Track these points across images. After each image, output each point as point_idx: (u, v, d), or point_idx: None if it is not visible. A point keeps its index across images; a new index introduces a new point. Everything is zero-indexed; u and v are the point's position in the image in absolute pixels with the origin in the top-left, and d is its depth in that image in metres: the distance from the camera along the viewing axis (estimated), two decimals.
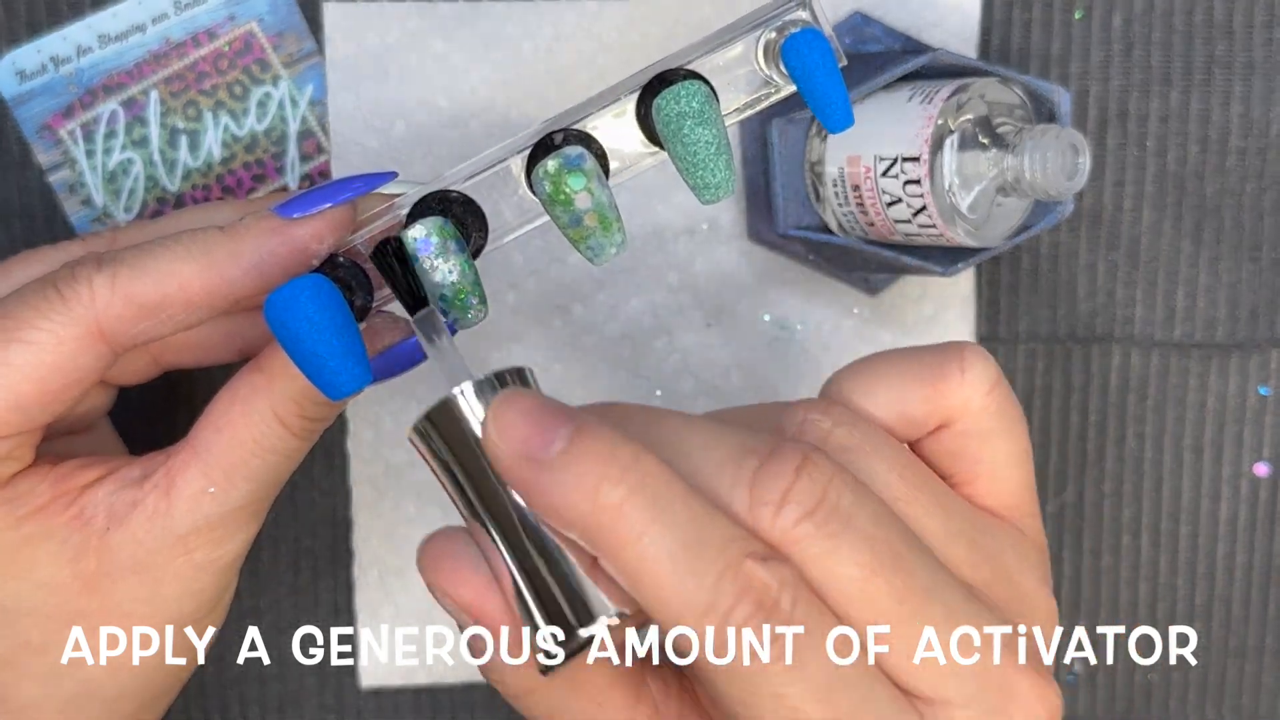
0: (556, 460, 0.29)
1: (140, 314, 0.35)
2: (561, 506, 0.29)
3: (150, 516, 0.37)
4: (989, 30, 0.47)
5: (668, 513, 0.29)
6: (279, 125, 0.46)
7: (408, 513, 0.49)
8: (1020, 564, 0.34)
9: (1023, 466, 0.34)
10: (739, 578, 0.29)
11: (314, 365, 0.32)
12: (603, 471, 0.29)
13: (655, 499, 0.29)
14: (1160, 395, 0.50)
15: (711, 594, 0.29)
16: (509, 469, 0.30)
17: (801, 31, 0.35)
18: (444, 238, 0.34)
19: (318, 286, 0.33)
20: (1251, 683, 0.51)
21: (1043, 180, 0.39)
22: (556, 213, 0.34)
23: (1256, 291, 0.49)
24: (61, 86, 0.45)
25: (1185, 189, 0.49)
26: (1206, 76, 0.48)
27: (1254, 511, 0.51)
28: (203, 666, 0.49)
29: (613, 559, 0.29)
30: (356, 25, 0.46)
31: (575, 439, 0.30)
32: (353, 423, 0.48)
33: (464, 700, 0.50)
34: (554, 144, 0.36)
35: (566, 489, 0.29)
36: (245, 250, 0.35)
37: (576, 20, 0.47)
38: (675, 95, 0.34)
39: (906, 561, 0.31)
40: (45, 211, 0.46)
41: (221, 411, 0.37)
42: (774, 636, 0.29)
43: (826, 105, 0.35)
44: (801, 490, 0.31)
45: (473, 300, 0.34)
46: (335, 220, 0.36)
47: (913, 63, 0.42)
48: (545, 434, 0.30)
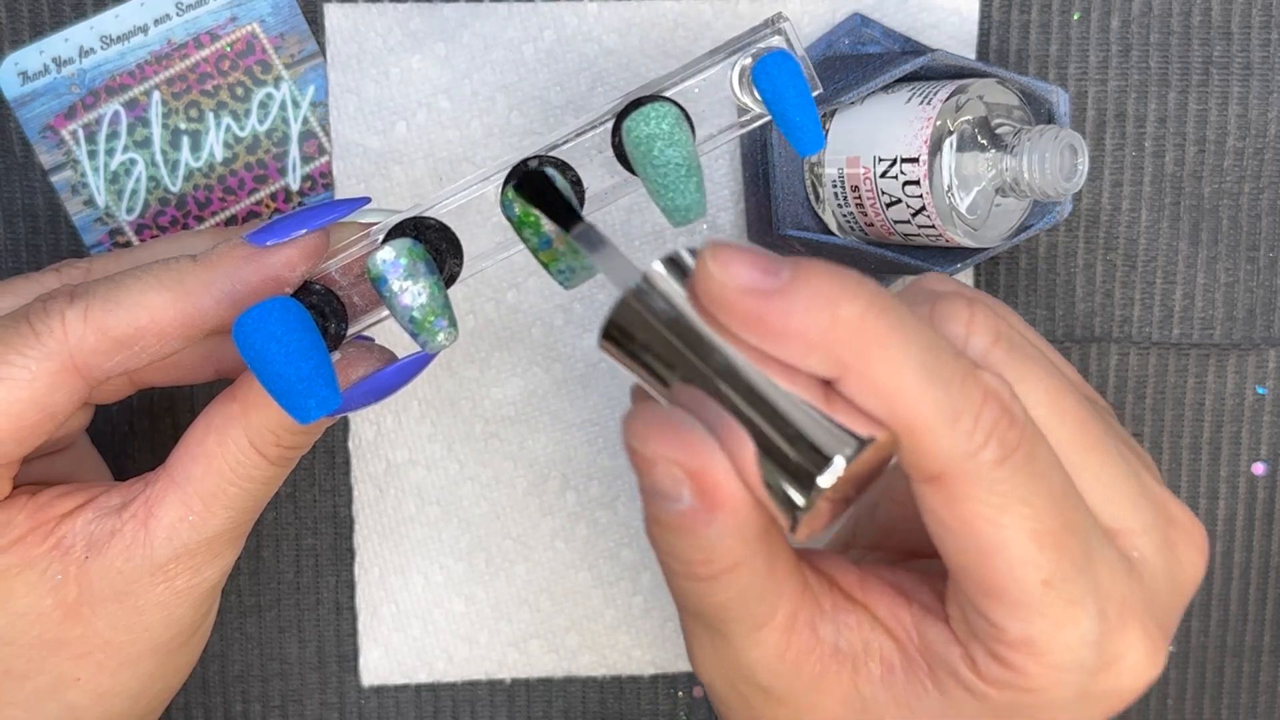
0: (788, 285, 0.29)
1: (114, 346, 0.35)
2: (801, 327, 0.29)
3: (129, 545, 0.37)
4: (987, 32, 0.48)
5: (905, 323, 0.29)
6: (280, 126, 0.47)
7: (409, 511, 0.49)
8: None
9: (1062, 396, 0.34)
10: (979, 384, 0.30)
11: (281, 387, 0.32)
12: (838, 289, 0.29)
13: (890, 310, 0.29)
14: (1158, 395, 0.50)
15: (961, 397, 0.29)
16: (737, 304, 0.29)
17: (772, 54, 0.35)
18: (413, 259, 0.34)
19: (286, 308, 0.32)
20: (1250, 682, 0.51)
21: (1041, 181, 0.39)
22: (525, 235, 0.34)
23: (1254, 292, 0.49)
24: (64, 87, 0.46)
25: (1183, 190, 0.49)
26: (1204, 78, 0.48)
27: (1252, 510, 0.51)
28: (204, 664, 0.49)
29: (862, 371, 0.29)
30: (358, 27, 0.46)
31: (799, 267, 0.29)
32: (354, 421, 0.48)
33: (465, 697, 0.50)
34: (529, 169, 0.36)
35: (805, 307, 0.29)
36: (218, 279, 0.35)
37: (577, 23, 0.47)
38: (645, 117, 0.34)
39: (1078, 397, 0.33)
40: (48, 212, 0.46)
41: (198, 440, 0.37)
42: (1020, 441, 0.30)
43: (796, 128, 0.35)
44: (981, 321, 0.32)
45: (441, 323, 0.34)
46: (308, 247, 0.36)
47: (911, 64, 0.42)
48: (769, 265, 0.30)
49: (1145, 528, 0.33)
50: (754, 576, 0.32)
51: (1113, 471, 0.33)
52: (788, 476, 0.30)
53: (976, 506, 0.30)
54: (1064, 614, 0.30)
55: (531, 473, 0.49)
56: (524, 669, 0.50)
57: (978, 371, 0.30)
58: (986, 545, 0.30)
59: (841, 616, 0.33)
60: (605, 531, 0.49)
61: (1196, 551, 0.34)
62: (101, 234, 0.46)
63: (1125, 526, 0.33)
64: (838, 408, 0.30)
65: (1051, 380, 0.32)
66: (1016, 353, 0.32)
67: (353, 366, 0.37)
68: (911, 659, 0.33)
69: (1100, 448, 0.33)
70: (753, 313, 0.29)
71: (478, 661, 0.50)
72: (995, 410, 0.29)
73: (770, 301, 0.29)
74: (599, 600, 0.50)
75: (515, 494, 0.49)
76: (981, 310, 0.32)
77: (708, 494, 0.30)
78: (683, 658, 0.50)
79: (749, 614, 0.32)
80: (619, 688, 0.50)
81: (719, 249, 0.30)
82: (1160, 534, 0.33)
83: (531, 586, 0.49)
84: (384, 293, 0.34)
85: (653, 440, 0.30)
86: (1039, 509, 0.30)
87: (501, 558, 0.49)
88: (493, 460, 0.49)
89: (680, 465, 0.30)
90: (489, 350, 0.48)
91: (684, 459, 0.30)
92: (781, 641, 0.33)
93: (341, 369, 0.36)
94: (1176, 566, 0.34)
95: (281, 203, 0.47)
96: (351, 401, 0.36)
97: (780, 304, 0.29)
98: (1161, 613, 0.33)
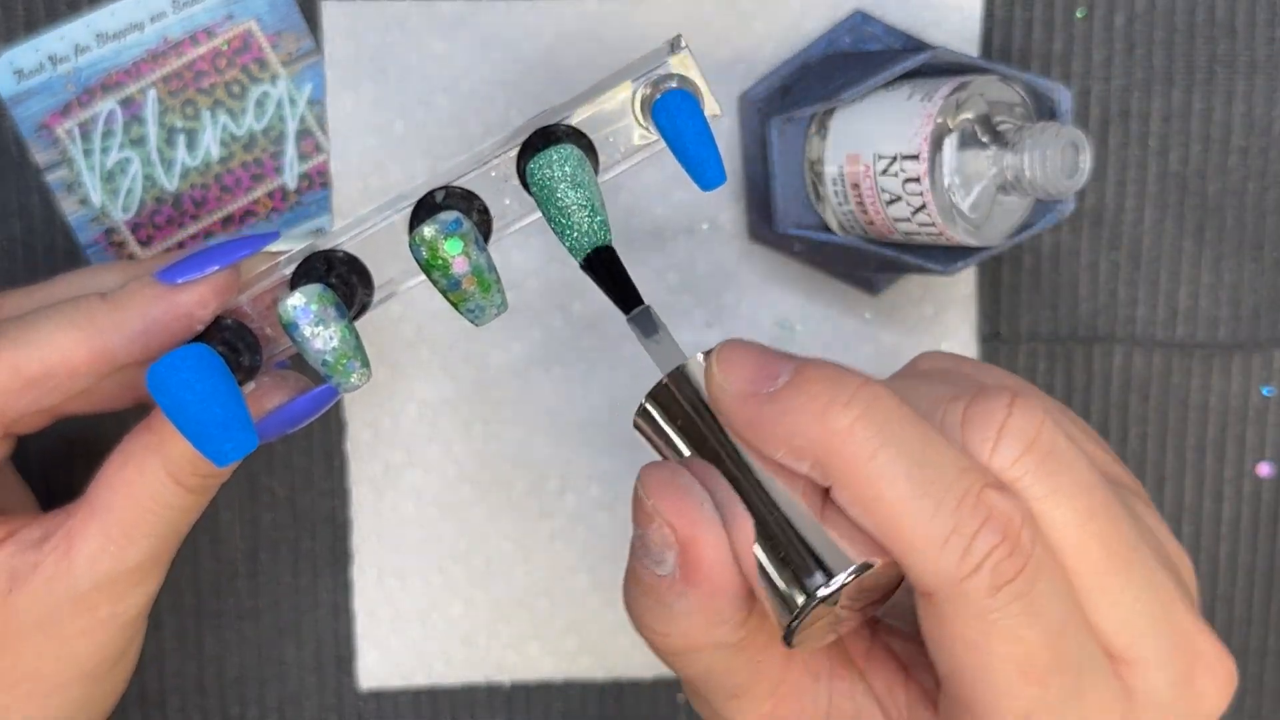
0: (782, 391, 0.29)
1: (26, 386, 0.36)
2: (791, 434, 0.29)
3: (51, 578, 0.37)
4: (990, 29, 0.47)
5: (899, 435, 0.29)
6: (277, 124, 0.46)
7: (406, 514, 0.49)
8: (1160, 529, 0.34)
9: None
10: (980, 506, 0.29)
11: (198, 433, 0.33)
12: (831, 395, 0.29)
13: (885, 421, 0.29)
14: (1162, 395, 0.50)
15: (953, 518, 0.28)
16: (734, 407, 0.30)
17: (669, 93, 0.36)
18: (323, 304, 0.34)
19: (199, 356, 0.33)
20: (1254, 684, 0.51)
21: (1043, 178, 0.39)
22: (435, 277, 0.34)
23: (1259, 291, 0.49)
24: (59, 85, 0.45)
25: (1187, 188, 0.48)
26: (1208, 75, 0.48)
27: (1256, 512, 0.50)
28: (201, 667, 0.49)
29: (847, 484, 0.29)
30: (355, 24, 0.46)
31: (799, 371, 0.30)
32: (351, 424, 0.48)
33: (464, 701, 0.50)
34: (435, 202, 0.36)
35: (795, 415, 0.29)
36: (129, 319, 0.36)
37: (577, 20, 0.46)
38: (547, 160, 0.35)
39: (1115, 513, 0.31)
40: (43, 211, 0.46)
41: (116, 470, 0.37)
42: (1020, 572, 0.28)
43: (697, 165, 0.35)
44: (1016, 426, 0.30)
45: (354, 365, 0.35)
46: (219, 284, 0.36)
47: (912, 61, 0.42)
48: (769, 369, 0.30)
49: (1161, 661, 0.31)
50: (718, 659, 0.32)
51: (1134, 599, 0.31)
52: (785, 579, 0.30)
53: (964, 630, 0.29)
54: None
55: (530, 474, 0.49)
56: (523, 672, 0.50)
57: (985, 491, 0.29)
58: (968, 669, 0.29)
59: (836, 683, 0.33)
60: (604, 534, 0.49)
61: (1220, 685, 0.32)
62: (97, 233, 0.46)
63: (1138, 657, 0.31)
64: (839, 521, 0.30)
65: (1084, 498, 0.30)
66: (1050, 464, 0.30)
67: (267, 396, 0.37)
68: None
69: (1126, 573, 0.31)
70: (748, 417, 0.30)
71: (476, 664, 0.49)
72: (994, 536, 0.28)
73: (764, 408, 0.30)
74: (598, 602, 0.49)
75: (514, 496, 0.49)
76: (1021, 412, 0.30)
77: (690, 566, 0.30)
78: None
79: (720, 687, 0.32)
80: (618, 691, 0.50)
81: (725, 350, 0.31)
82: (1177, 668, 0.32)
83: (530, 589, 0.49)
84: (296, 338, 0.34)
85: (656, 495, 0.30)
86: (1029, 642, 0.29)
87: (500, 560, 0.49)
88: (491, 462, 0.49)
89: (674, 529, 0.30)
90: (487, 351, 0.48)
91: (680, 524, 0.30)
92: (764, 707, 0.33)
93: (256, 399, 0.37)
94: (1193, 701, 0.32)
95: (279, 201, 0.47)
96: (267, 432, 0.36)
97: (773, 410, 0.29)
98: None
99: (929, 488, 0.28)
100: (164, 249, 0.47)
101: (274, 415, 0.36)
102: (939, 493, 0.28)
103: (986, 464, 0.30)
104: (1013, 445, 0.30)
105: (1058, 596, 0.30)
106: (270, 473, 0.48)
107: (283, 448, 0.48)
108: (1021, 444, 0.30)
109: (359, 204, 0.47)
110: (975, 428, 0.30)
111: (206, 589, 0.49)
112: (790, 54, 0.47)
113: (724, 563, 0.30)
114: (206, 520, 0.48)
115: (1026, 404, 0.30)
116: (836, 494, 0.29)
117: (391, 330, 0.48)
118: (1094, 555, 0.30)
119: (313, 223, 0.47)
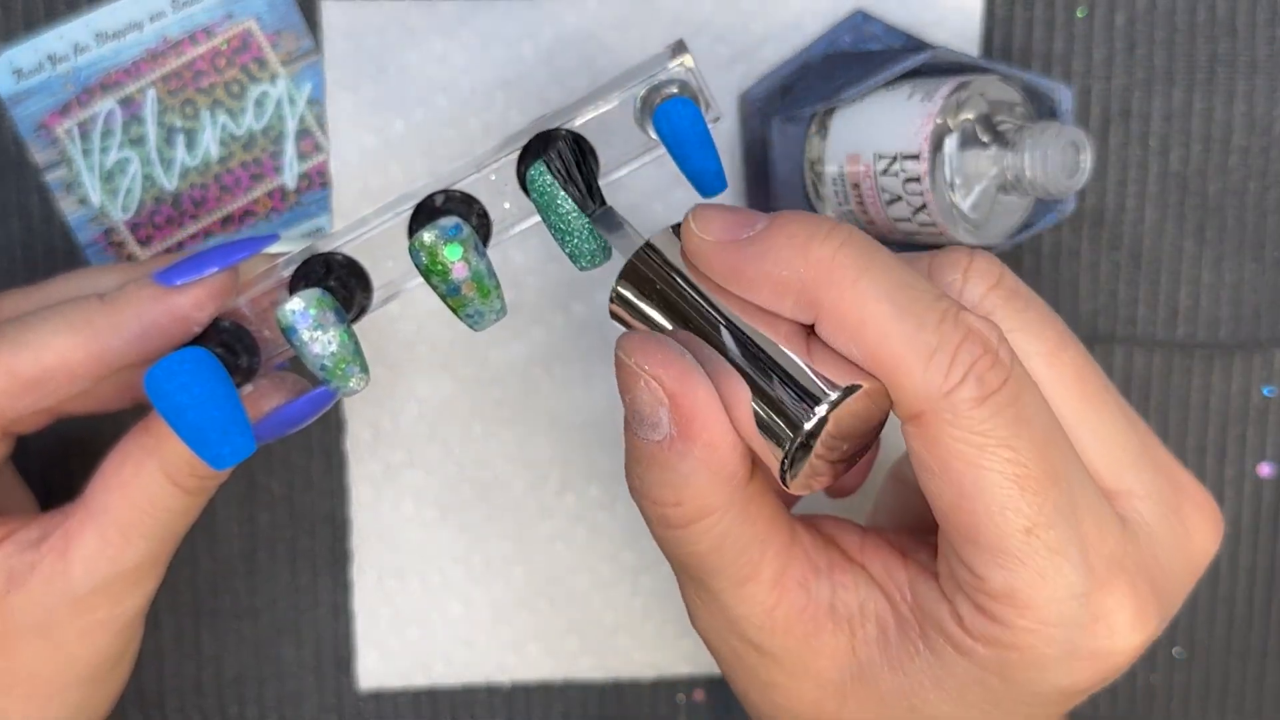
0: (762, 233, 0.30)
1: (24, 388, 0.36)
2: (774, 268, 0.30)
3: (49, 579, 0.37)
4: (991, 29, 0.47)
5: (878, 261, 0.30)
6: (277, 124, 0.46)
7: (405, 513, 0.49)
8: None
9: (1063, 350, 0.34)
10: (959, 323, 0.29)
11: (196, 437, 0.33)
12: (810, 231, 0.30)
13: (866, 248, 0.30)
14: (1163, 395, 0.50)
15: (936, 335, 0.29)
16: (715, 254, 0.31)
17: (670, 101, 0.36)
18: (321, 309, 0.34)
19: (197, 360, 0.33)
20: (1254, 685, 0.51)
21: (1044, 178, 0.39)
22: (434, 283, 0.34)
23: (1259, 291, 0.49)
24: (58, 85, 0.45)
25: (1188, 188, 0.48)
26: (1209, 75, 0.48)
27: (1257, 512, 0.50)
28: (200, 667, 0.49)
29: (832, 310, 0.29)
30: (355, 23, 0.46)
31: (775, 216, 0.31)
32: (350, 423, 0.48)
33: (463, 701, 0.50)
34: (434, 206, 0.36)
35: (777, 251, 0.30)
36: (126, 321, 0.36)
37: (577, 20, 0.46)
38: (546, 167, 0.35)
39: (1082, 350, 0.32)
40: (42, 211, 0.46)
41: (114, 471, 0.37)
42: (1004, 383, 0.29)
43: (697, 173, 0.35)
44: (979, 268, 0.32)
45: (354, 369, 0.35)
46: (216, 287, 0.36)
47: (913, 60, 0.42)
48: (746, 219, 0.31)
49: (1149, 492, 0.32)
50: (730, 526, 0.32)
51: (1113, 429, 0.32)
52: (776, 421, 0.30)
53: (955, 446, 0.29)
54: (1047, 563, 0.30)
55: (530, 474, 0.49)
56: (523, 672, 0.50)
57: (962, 312, 0.30)
58: (966, 488, 0.30)
59: (837, 576, 0.33)
60: (604, 534, 0.49)
61: (1209, 524, 0.33)
62: (96, 233, 0.46)
63: (1125, 488, 0.32)
64: (823, 357, 0.30)
65: (1050, 328, 0.32)
66: (1016, 300, 0.32)
67: (265, 398, 0.37)
68: (904, 619, 0.33)
69: (1100, 402, 0.32)
70: (729, 262, 0.31)
71: (476, 665, 0.49)
72: (975, 349, 0.29)
73: (744, 250, 0.30)
74: (598, 603, 0.49)
75: (513, 496, 0.49)
76: (982, 258, 0.32)
77: (685, 422, 0.31)
78: (683, 661, 0.50)
79: (730, 567, 0.32)
80: (618, 691, 0.50)
81: (701, 209, 0.31)
82: (1166, 501, 0.32)
83: (530, 589, 0.49)
84: (294, 342, 0.34)
85: (638, 353, 0.31)
86: (1021, 452, 0.29)
87: (500, 560, 0.49)
88: (491, 462, 0.48)
89: (661, 382, 0.31)
90: (487, 351, 0.48)
91: (665, 376, 0.31)
92: (770, 598, 0.33)
93: (254, 401, 0.37)
94: (1184, 536, 0.33)
95: (278, 201, 0.47)
96: (264, 434, 0.36)
97: (754, 250, 0.30)
98: (1160, 578, 0.32)
99: (911, 307, 0.29)
100: (163, 249, 0.46)
101: (271, 417, 0.36)
102: (920, 311, 0.29)
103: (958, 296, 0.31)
104: (978, 283, 0.32)
105: (1042, 410, 0.30)
106: (269, 472, 0.48)
107: (282, 447, 0.48)
108: (987, 282, 0.32)
109: (358, 204, 0.47)
110: (942, 270, 0.32)
111: (204, 588, 0.49)
112: (790, 54, 0.47)
113: (717, 412, 0.31)
114: (204, 519, 0.48)
115: (985, 254, 0.32)
116: (821, 325, 0.30)
117: (390, 330, 0.48)
118: (1069, 385, 0.32)
119: (312, 222, 0.47)
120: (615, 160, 0.37)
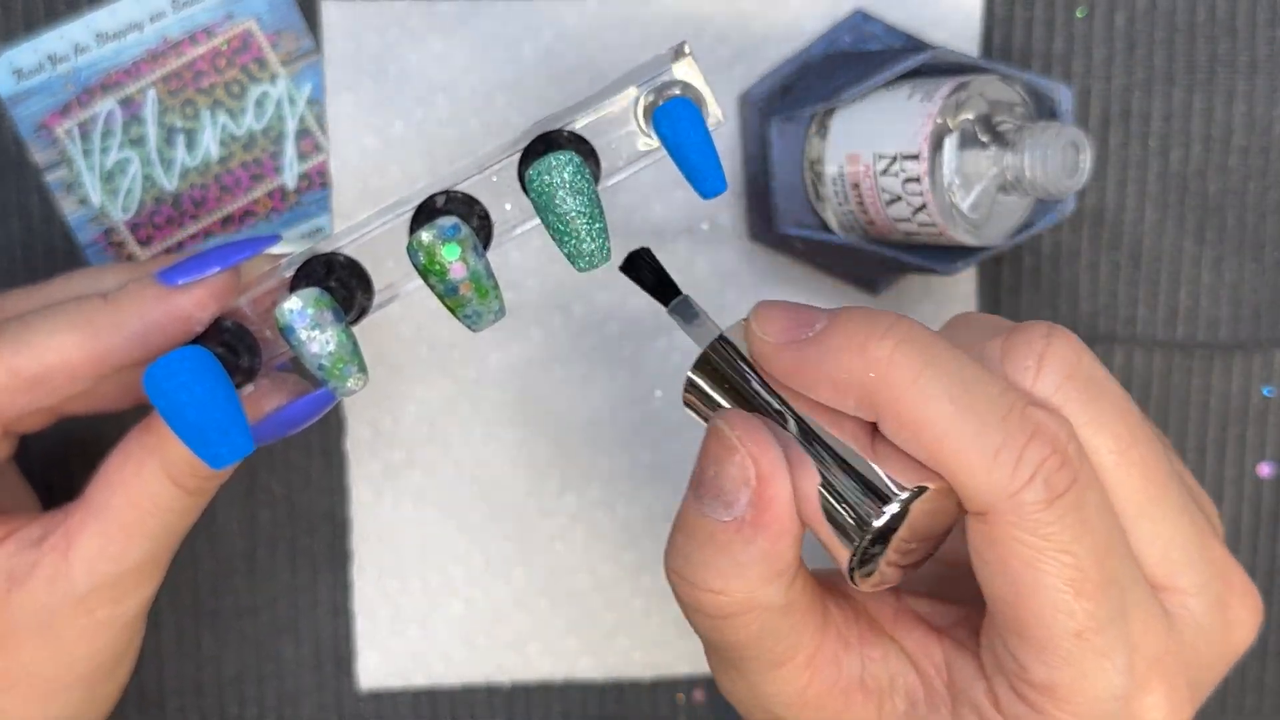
0: (821, 334, 0.30)
1: (25, 387, 0.36)
2: (834, 371, 0.30)
3: (50, 578, 0.37)
4: (990, 28, 0.47)
5: (939, 358, 0.29)
6: (277, 124, 0.46)
7: (406, 513, 0.49)
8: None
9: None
10: (1026, 421, 0.29)
11: (195, 436, 0.33)
12: (869, 330, 0.30)
13: (924, 346, 0.29)
14: (1163, 395, 0.50)
15: (1000, 432, 0.29)
16: (777, 356, 0.31)
17: (671, 102, 0.36)
18: (320, 308, 0.34)
19: (197, 359, 0.33)
20: (1254, 684, 0.51)
21: (1043, 178, 0.39)
22: (432, 282, 0.34)
23: (1259, 291, 0.49)
24: (58, 85, 0.45)
25: (1188, 188, 0.48)
26: (1209, 75, 0.48)
27: (1257, 512, 0.50)
28: (199, 667, 0.49)
29: (893, 410, 0.29)
30: (355, 24, 0.46)
31: (835, 315, 0.31)
32: (351, 423, 0.48)
33: (463, 701, 0.50)
34: (435, 206, 0.36)
35: (836, 353, 0.30)
36: (127, 320, 0.36)
37: (577, 20, 0.46)
38: (545, 167, 0.35)
39: (1154, 445, 0.32)
40: (42, 211, 0.46)
41: (115, 470, 0.37)
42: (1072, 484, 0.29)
43: (698, 174, 0.35)
44: (1056, 354, 0.31)
45: (351, 369, 0.34)
46: (218, 287, 0.36)
47: (913, 60, 0.42)
48: (805, 317, 0.31)
49: (1198, 588, 0.32)
50: (769, 620, 0.32)
51: (1173, 528, 0.32)
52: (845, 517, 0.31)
53: (1016, 547, 0.29)
54: (1092, 665, 0.30)
55: (530, 474, 0.49)
56: (522, 672, 0.50)
57: (1029, 408, 0.29)
58: (1022, 587, 0.29)
59: (868, 650, 0.33)
60: (605, 534, 0.49)
61: (1250, 615, 0.33)
62: (96, 233, 0.46)
63: (1177, 585, 0.32)
64: (890, 455, 0.30)
65: (1122, 421, 0.31)
66: (1091, 391, 0.31)
67: (265, 399, 0.37)
68: (936, 694, 0.33)
69: (1165, 502, 0.31)
70: (790, 364, 0.31)
71: (476, 665, 0.49)
72: (1044, 448, 0.29)
73: (804, 351, 0.30)
74: (598, 603, 0.49)
75: (514, 496, 0.49)
76: (1060, 341, 0.31)
77: (762, 505, 0.31)
78: (682, 660, 0.50)
79: (766, 655, 0.32)
80: (618, 691, 0.50)
81: (762, 308, 0.32)
82: (1213, 596, 0.32)
83: (530, 589, 0.49)
84: (292, 341, 0.34)
85: (741, 429, 0.31)
86: (1081, 558, 0.29)
87: (500, 560, 0.49)
88: (491, 462, 0.48)
89: (756, 462, 0.31)
90: (487, 351, 0.48)
91: (761, 458, 0.31)
92: (802, 678, 0.33)
93: (254, 401, 0.36)
94: (1226, 629, 0.33)
95: (278, 201, 0.47)
96: (263, 435, 0.36)
97: (813, 352, 0.30)
98: (1198, 671, 0.32)
99: (973, 404, 0.29)
100: (163, 249, 0.47)
101: (271, 418, 0.36)
102: (983, 408, 0.29)
103: (1032, 387, 0.30)
104: (1054, 373, 0.31)
105: (1106, 513, 0.30)
106: (269, 471, 0.48)
107: (282, 446, 0.48)
108: (1063, 371, 0.31)
109: (358, 204, 0.47)
110: (1016, 357, 0.31)
111: (205, 587, 0.49)
112: (790, 54, 0.47)
113: (789, 504, 0.31)
114: (205, 518, 0.48)
115: (1065, 335, 0.31)
116: (884, 425, 0.30)
117: (390, 330, 0.48)
118: (1135, 483, 0.31)
119: (312, 223, 0.47)
120: (616, 161, 0.37)
